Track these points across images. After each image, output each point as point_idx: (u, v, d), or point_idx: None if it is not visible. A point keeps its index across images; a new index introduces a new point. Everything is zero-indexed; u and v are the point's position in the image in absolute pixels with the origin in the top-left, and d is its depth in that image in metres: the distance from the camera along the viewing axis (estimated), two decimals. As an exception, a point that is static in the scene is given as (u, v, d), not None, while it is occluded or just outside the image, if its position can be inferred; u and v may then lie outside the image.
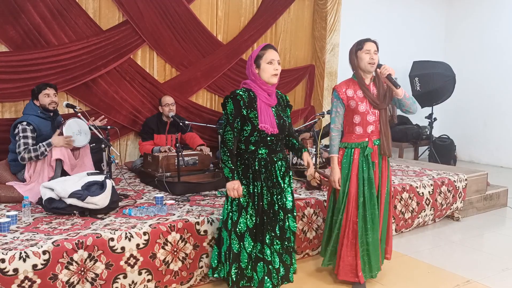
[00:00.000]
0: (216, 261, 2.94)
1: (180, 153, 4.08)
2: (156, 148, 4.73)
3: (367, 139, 3.06)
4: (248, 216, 2.76)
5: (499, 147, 8.12)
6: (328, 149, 3.25)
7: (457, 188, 4.84)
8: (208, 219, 3.16)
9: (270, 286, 2.72)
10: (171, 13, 5.49)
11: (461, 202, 4.91)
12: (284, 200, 2.81)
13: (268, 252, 2.74)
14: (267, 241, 2.74)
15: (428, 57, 8.01)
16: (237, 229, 2.74)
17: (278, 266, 2.77)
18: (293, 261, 2.93)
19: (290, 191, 2.86)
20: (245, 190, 2.75)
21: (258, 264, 2.75)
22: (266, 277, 2.72)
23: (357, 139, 3.07)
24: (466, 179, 4.97)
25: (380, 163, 3.11)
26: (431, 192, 4.57)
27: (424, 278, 3.44)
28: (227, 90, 5.98)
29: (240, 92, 2.70)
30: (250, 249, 2.75)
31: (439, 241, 4.32)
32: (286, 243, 2.83)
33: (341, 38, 6.97)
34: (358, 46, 3.04)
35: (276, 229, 2.77)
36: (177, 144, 4.12)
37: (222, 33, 6.08)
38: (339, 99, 3.07)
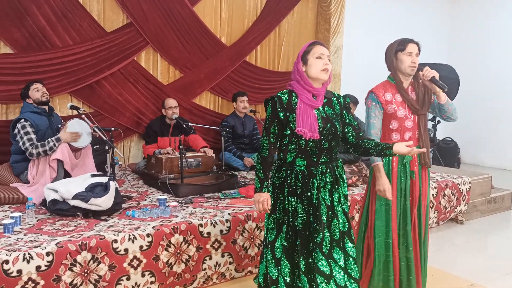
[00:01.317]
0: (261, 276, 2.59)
1: (183, 155, 4.08)
2: (157, 151, 4.75)
3: None
4: (283, 235, 2.43)
5: (503, 149, 8.09)
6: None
7: (461, 191, 4.83)
8: (211, 221, 3.16)
9: None
10: (175, 15, 5.51)
11: (465, 205, 4.89)
12: (336, 221, 2.41)
13: (305, 280, 2.36)
14: (302, 268, 2.37)
15: (432, 59, 7.97)
16: (275, 252, 2.44)
17: None
18: None
19: (341, 211, 2.45)
20: (281, 205, 2.44)
21: None
22: None
23: None
24: (470, 182, 4.96)
25: (420, 172, 2.87)
26: (435, 195, 4.55)
27: (428, 281, 3.42)
28: (230, 92, 5.99)
29: (281, 94, 2.42)
30: (289, 278, 2.41)
31: (443, 244, 4.31)
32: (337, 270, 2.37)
33: (345, 40, 6.96)
34: (400, 46, 2.78)
35: (315, 254, 2.37)
36: (180, 146, 4.12)
37: (225, 35, 6.08)
38: (378, 103, 2.79)
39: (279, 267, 2.42)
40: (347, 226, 2.45)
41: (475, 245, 4.32)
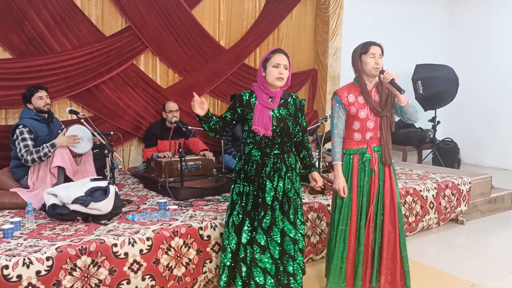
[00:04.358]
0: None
1: (183, 158, 4.08)
2: (155, 155, 4.75)
3: (366, 146, 2.97)
4: (235, 212, 2.85)
5: (503, 150, 8.08)
6: (331, 153, 3.18)
7: (461, 191, 4.83)
8: (211, 224, 3.16)
9: None
10: (173, 19, 5.52)
11: (465, 206, 4.89)
12: (286, 205, 2.83)
13: (243, 250, 2.80)
14: (244, 241, 2.79)
15: (431, 60, 8.00)
16: (230, 228, 2.87)
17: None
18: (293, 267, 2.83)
19: (273, 190, 2.78)
20: (237, 188, 2.86)
21: (240, 263, 2.81)
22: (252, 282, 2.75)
23: (356, 145, 2.98)
24: (470, 182, 4.96)
25: (382, 171, 2.99)
26: (435, 196, 4.55)
27: (428, 282, 3.43)
28: (229, 95, 5.98)
29: (243, 93, 2.86)
30: (234, 248, 2.85)
31: (444, 245, 4.30)
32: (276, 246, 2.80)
33: (344, 42, 6.97)
34: (363, 49, 2.91)
35: (257, 229, 2.79)
36: (180, 150, 4.12)
37: (224, 38, 6.09)
38: (341, 104, 2.96)
39: (228, 240, 2.86)
40: (270, 200, 2.79)
41: (475, 245, 4.32)
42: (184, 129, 4.72)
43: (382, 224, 2.98)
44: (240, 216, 2.83)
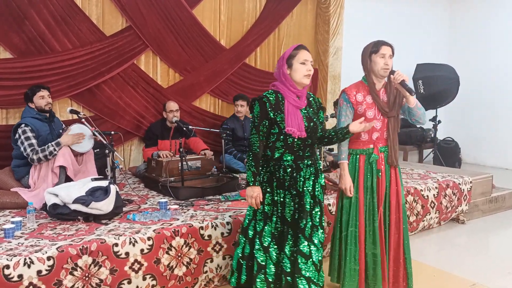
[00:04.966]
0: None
1: (183, 158, 4.08)
2: (155, 153, 4.74)
3: (372, 146, 2.93)
4: (273, 224, 2.66)
5: (504, 149, 8.07)
6: (332, 152, 3.17)
7: (462, 190, 4.82)
8: (212, 223, 3.16)
9: None
10: (174, 18, 5.52)
11: (466, 205, 4.89)
12: (317, 209, 2.67)
13: (288, 262, 2.62)
14: (288, 253, 2.62)
15: (432, 59, 7.99)
16: (263, 241, 2.65)
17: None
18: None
19: (309, 195, 2.65)
20: (269, 198, 2.66)
21: (281, 276, 2.63)
22: None
23: (362, 146, 2.94)
24: (471, 182, 4.95)
25: (389, 172, 2.95)
26: (436, 195, 4.55)
27: (429, 281, 3.42)
28: (230, 95, 5.99)
29: (267, 94, 2.62)
30: (276, 259, 2.64)
31: (445, 244, 4.30)
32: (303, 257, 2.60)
33: (344, 41, 6.97)
34: (373, 48, 2.86)
35: (299, 238, 2.62)
36: (181, 149, 4.12)
37: (225, 38, 6.09)
38: (349, 103, 2.91)
39: (268, 254, 2.63)
40: (309, 207, 2.66)
41: (476, 244, 4.31)
42: (184, 128, 4.72)
43: (389, 226, 2.95)
44: (279, 227, 2.66)
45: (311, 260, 2.59)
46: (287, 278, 2.61)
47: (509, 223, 5.04)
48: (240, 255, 2.79)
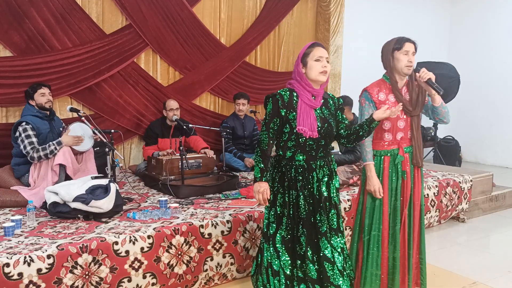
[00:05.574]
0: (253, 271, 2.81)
1: (184, 156, 4.08)
2: (156, 153, 4.74)
3: (397, 147, 2.82)
4: (284, 226, 2.57)
5: (504, 147, 8.08)
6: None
7: (462, 189, 4.82)
8: (212, 222, 3.16)
9: None
10: (174, 17, 5.51)
11: (466, 204, 4.89)
12: (333, 211, 2.58)
13: (313, 268, 2.50)
14: (310, 257, 2.50)
15: (432, 58, 7.97)
16: (276, 244, 2.57)
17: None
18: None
19: (337, 201, 2.61)
20: (281, 199, 2.58)
21: (301, 286, 2.52)
22: None
23: (387, 147, 2.83)
24: (471, 180, 4.95)
25: (412, 172, 2.86)
26: (436, 194, 4.54)
27: (429, 280, 3.41)
28: (230, 93, 5.99)
29: (282, 92, 2.54)
30: (288, 269, 2.53)
31: (445, 243, 4.30)
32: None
33: (345, 39, 6.96)
34: (397, 45, 2.75)
35: (322, 242, 2.53)
36: (181, 148, 4.12)
37: (225, 36, 6.08)
38: (372, 102, 2.79)
39: (279, 260, 2.54)
40: (337, 215, 2.61)
41: (477, 243, 4.31)
42: (184, 127, 4.72)
43: (413, 228, 2.87)
44: (290, 230, 2.56)
45: (335, 265, 2.50)
46: (315, 286, 2.50)
47: (510, 221, 5.03)
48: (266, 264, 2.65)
